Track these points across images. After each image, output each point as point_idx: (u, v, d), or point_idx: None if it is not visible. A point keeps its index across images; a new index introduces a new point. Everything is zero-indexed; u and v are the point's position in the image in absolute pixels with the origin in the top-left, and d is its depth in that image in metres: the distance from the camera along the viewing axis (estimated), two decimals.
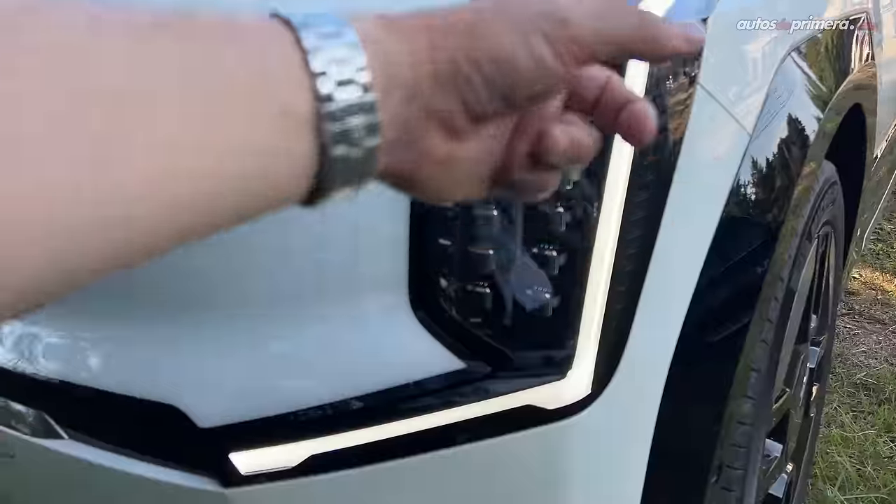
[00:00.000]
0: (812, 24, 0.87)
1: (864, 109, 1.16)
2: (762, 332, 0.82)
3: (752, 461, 0.87)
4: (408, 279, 0.63)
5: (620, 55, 0.30)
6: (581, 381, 0.64)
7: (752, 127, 0.74)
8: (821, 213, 1.02)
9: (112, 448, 0.70)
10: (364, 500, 0.65)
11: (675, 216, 0.66)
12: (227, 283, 0.65)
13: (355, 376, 0.63)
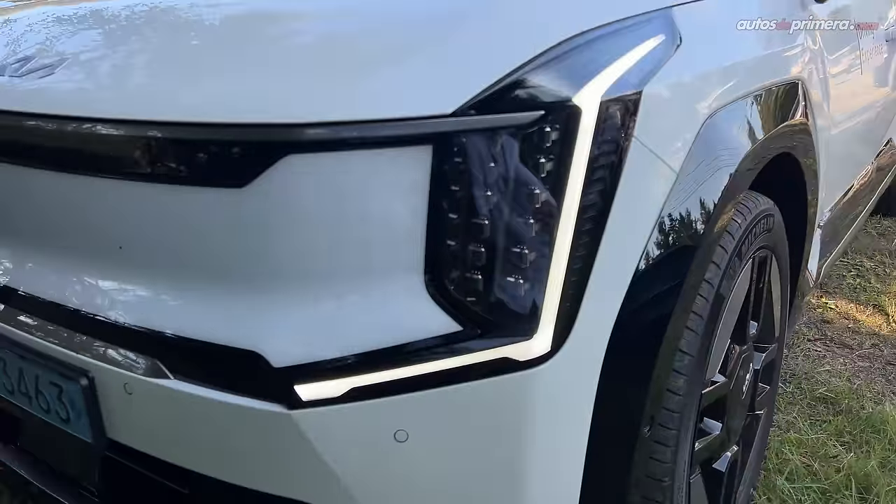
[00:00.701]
0: (735, 92, 1.15)
1: (796, 158, 1.43)
2: (689, 322, 1.08)
3: (684, 426, 1.12)
4: (424, 268, 0.91)
5: None
6: (543, 342, 0.90)
7: (678, 168, 1.01)
8: (753, 238, 1.28)
9: (206, 384, 0.97)
10: (385, 421, 0.91)
11: (614, 229, 0.93)
12: (295, 265, 0.93)
13: (385, 333, 0.90)
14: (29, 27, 1.38)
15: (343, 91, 0.89)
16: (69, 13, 1.41)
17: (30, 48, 1.20)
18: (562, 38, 0.92)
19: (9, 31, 1.33)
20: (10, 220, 1.16)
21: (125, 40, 1.17)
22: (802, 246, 1.67)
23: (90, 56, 1.14)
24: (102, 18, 1.32)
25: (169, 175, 0.94)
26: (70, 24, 1.34)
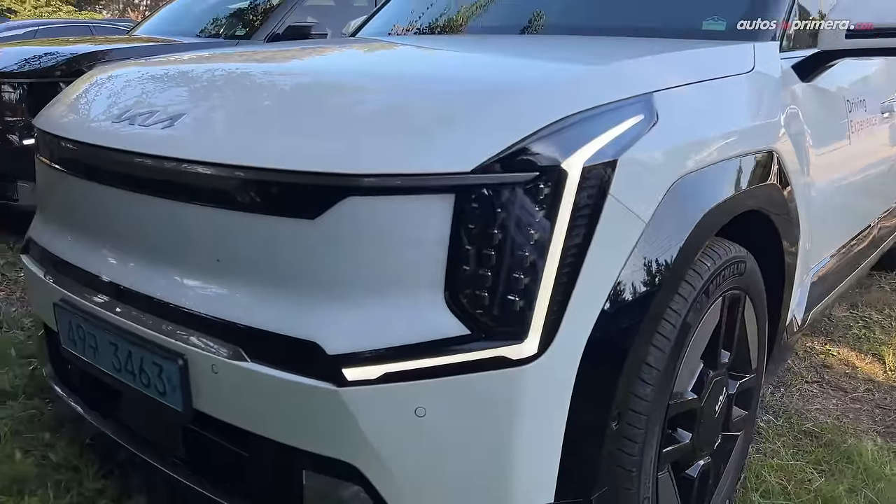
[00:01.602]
0: (704, 160, 1.44)
1: (768, 215, 1.70)
2: (656, 342, 1.35)
3: (650, 427, 1.38)
4: (444, 285, 1.20)
5: None
6: (531, 346, 1.19)
7: (648, 218, 1.29)
8: (722, 280, 1.54)
9: (275, 366, 1.28)
10: (409, 400, 1.20)
11: (591, 263, 1.22)
12: (348, 278, 1.23)
13: (411, 332, 1.20)
14: (154, 82, 1.76)
15: (390, 150, 1.20)
16: (187, 70, 1.78)
17: (155, 102, 1.56)
18: (557, 118, 1.22)
19: (140, 85, 1.70)
20: (133, 235, 1.51)
21: (232, 99, 1.52)
22: (782, 290, 1.91)
23: (204, 112, 1.49)
24: (214, 77, 1.69)
25: (260, 207, 1.26)
26: (187, 81, 1.71)
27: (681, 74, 1.55)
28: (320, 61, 1.94)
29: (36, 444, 2.04)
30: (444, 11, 2.59)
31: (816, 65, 2.01)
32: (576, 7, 2.34)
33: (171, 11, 6.04)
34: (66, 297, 1.64)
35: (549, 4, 2.34)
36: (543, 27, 2.28)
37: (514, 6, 2.46)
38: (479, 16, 2.51)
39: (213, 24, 5.20)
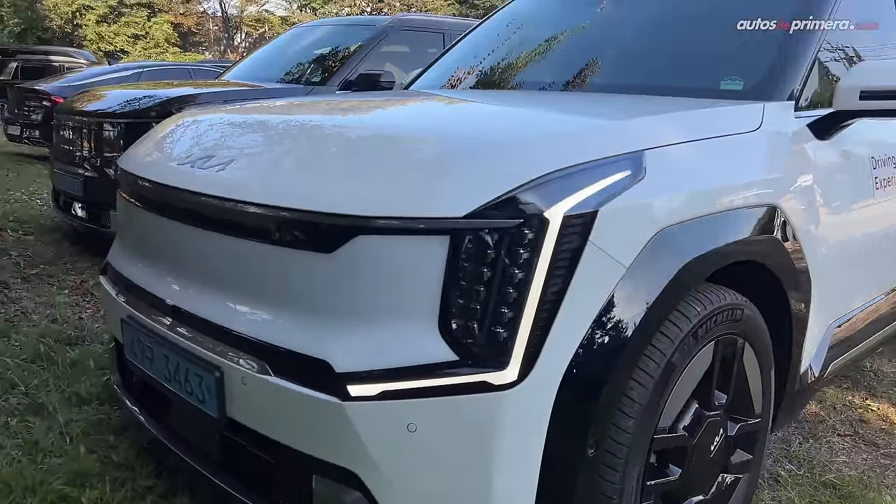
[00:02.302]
0: (692, 213, 1.56)
1: (767, 267, 1.79)
2: (638, 377, 1.47)
3: (632, 459, 1.49)
4: (438, 315, 1.37)
5: None
6: (512, 373, 1.33)
7: (628, 264, 1.43)
8: (714, 325, 1.64)
9: (293, 381, 1.46)
10: (402, 416, 1.36)
11: (570, 302, 1.36)
12: (356, 305, 1.41)
13: (407, 356, 1.36)
14: (217, 129, 2.02)
15: (396, 195, 1.39)
16: (244, 119, 2.04)
17: (213, 147, 1.81)
18: (543, 172, 1.38)
19: (205, 132, 1.97)
20: (184, 262, 1.75)
21: (273, 147, 1.76)
22: (790, 340, 1.98)
23: (249, 158, 1.72)
24: (263, 127, 1.93)
25: (286, 241, 1.47)
26: (242, 129, 1.96)
27: (678, 133, 1.68)
28: (352, 114, 2.17)
29: (101, 444, 2.30)
30: (482, 69, 2.80)
31: (832, 124, 2.09)
32: (607, 66, 2.49)
33: (260, 56, 6.52)
34: (130, 313, 1.90)
35: (582, 64, 2.51)
36: (575, 84, 2.45)
37: (547, 65, 2.65)
38: (512, 72, 2.71)
39: (294, 70, 5.59)
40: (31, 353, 3.02)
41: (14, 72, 15.69)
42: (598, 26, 2.68)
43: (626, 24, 2.60)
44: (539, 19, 2.95)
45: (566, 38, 2.72)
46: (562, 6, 2.98)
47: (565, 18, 2.85)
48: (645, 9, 2.63)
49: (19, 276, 4.21)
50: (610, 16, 2.68)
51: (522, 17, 3.06)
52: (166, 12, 32.01)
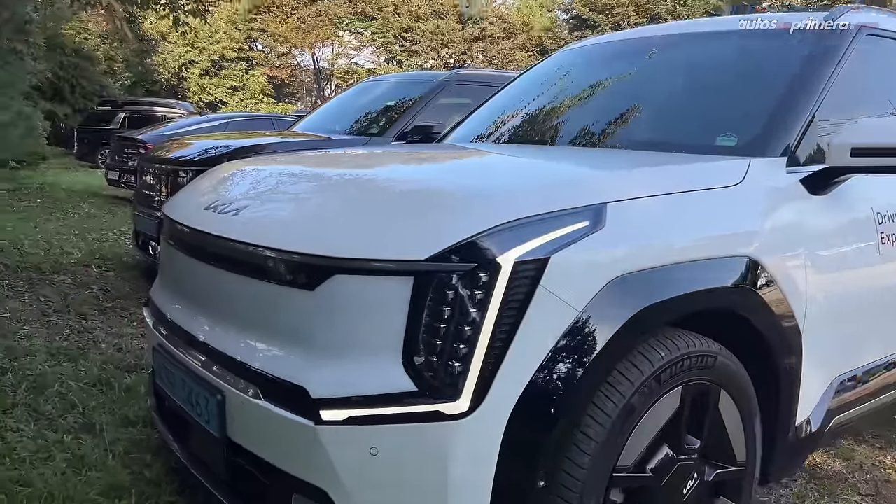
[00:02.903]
0: (651, 262, 1.65)
1: (744, 317, 1.84)
2: (594, 414, 1.56)
3: (587, 494, 1.57)
4: (402, 350, 1.51)
5: None
6: (463, 405, 1.46)
7: (581, 307, 1.53)
8: (679, 370, 1.71)
9: (277, 405, 1.63)
10: (365, 439, 1.50)
11: (521, 341, 1.48)
12: (332, 338, 1.58)
13: (372, 385, 1.51)
14: (244, 178, 2.26)
15: (368, 239, 1.57)
16: (269, 169, 2.27)
17: (235, 195, 2.04)
18: (498, 223, 1.52)
19: (234, 180, 2.21)
20: (197, 295, 1.96)
21: (281, 195, 1.97)
22: (778, 391, 2.00)
23: (260, 204, 1.94)
24: (282, 176, 2.16)
25: (276, 278, 1.66)
26: (264, 178, 2.19)
27: (646, 187, 1.78)
28: (358, 166, 2.38)
29: (138, 462, 2.52)
30: (501, 124, 2.98)
31: (826, 179, 2.13)
32: (613, 124, 2.61)
33: (329, 108, 6.94)
34: (160, 342, 2.13)
35: (588, 121, 2.65)
36: (580, 140, 2.59)
37: (556, 122, 2.80)
38: (527, 128, 2.88)
39: (357, 122, 5.93)
40: (94, 377, 3.32)
41: (122, 121, 17.04)
42: (608, 87, 2.82)
43: (633, 85, 2.72)
44: (555, 81, 3.11)
45: (578, 98, 2.87)
46: (577, 70, 3.13)
47: (579, 80, 3.00)
48: (651, 71, 2.75)
49: (97, 308, 4.61)
50: (620, 77, 2.81)
51: (542, 77, 3.24)
52: (262, 66, 33.96)
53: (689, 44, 2.79)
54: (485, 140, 2.98)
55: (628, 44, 3.09)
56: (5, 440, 2.65)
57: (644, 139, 2.42)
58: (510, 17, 35.28)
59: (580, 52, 3.31)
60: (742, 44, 2.60)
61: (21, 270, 5.27)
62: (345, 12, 34.12)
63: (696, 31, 2.89)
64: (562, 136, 2.67)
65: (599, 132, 2.56)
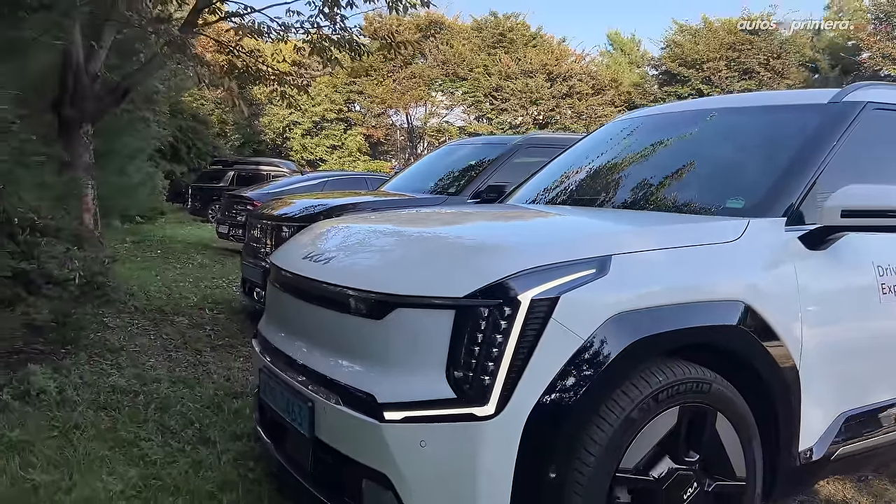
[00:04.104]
0: (649, 302, 2.06)
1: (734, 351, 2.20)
2: (599, 423, 1.96)
3: (593, 487, 1.96)
4: (446, 365, 1.98)
5: None
6: (490, 409, 1.91)
7: (586, 336, 1.96)
8: (675, 392, 2.08)
9: (352, 409, 2.12)
10: (416, 435, 1.96)
11: (536, 361, 1.92)
12: (394, 357, 2.06)
13: (423, 392, 1.98)
14: (337, 233, 2.82)
15: (422, 281, 2.06)
16: (350, 227, 2.82)
17: (328, 247, 2.60)
18: (520, 269, 1.98)
19: (329, 235, 2.77)
20: (295, 326, 2.51)
21: (361, 246, 2.51)
22: (776, 419, 2.32)
23: (345, 254, 2.48)
24: (361, 232, 2.69)
25: (354, 311, 2.17)
26: (347, 234, 2.74)
27: (649, 243, 2.21)
28: (424, 222, 2.91)
29: (243, 467, 3.07)
30: (546, 189, 3.48)
31: (822, 237, 2.47)
32: (641, 188, 3.03)
33: (415, 169, 7.60)
34: (265, 364, 2.68)
35: (621, 185, 3.10)
36: (612, 203, 3.03)
37: (593, 186, 3.27)
38: (565, 192, 3.36)
39: (438, 182, 6.53)
40: (208, 401, 3.94)
41: (231, 179, 18.51)
42: (638, 157, 3.25)
43: (660, 155, 3.16)
44: (593, 150, 3.58)
45: (612, 167, 3.31)
46: (614, 142, 3.59)
47: (613, 151, 3.46)
48: (678, 142, 3.18)
49: (209, 346, 5.30)
50: (649, 148, 3.25)
51: (585, 147, 3.74)
52: (360, 125, 35.81)
53: (710, 119, 3.20)
54: (535, 202, 3.46)
55: (658, 118, 3.55)
56: (140, 447, 3.26)
57: (666, 202, 2.82)
58: (598, 73, 35.83)
59: (618, 125, 3.79)
60: (757, 119, 3.00)
61: (147, 312, 6.08)
62: (437, 74, 35.64)
63: (722, 107, 3.29)
64: (595, 198, 3.12)
65: (628, 196, 2.99)
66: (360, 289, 2.17)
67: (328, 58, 7.70)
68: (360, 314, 2.16)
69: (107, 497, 2.70)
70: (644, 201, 2.89)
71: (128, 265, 8.59)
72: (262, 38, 8.01)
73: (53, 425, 3.41)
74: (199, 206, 18.52)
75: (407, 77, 35.19)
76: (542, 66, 34.20)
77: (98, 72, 6.69)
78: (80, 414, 3.56)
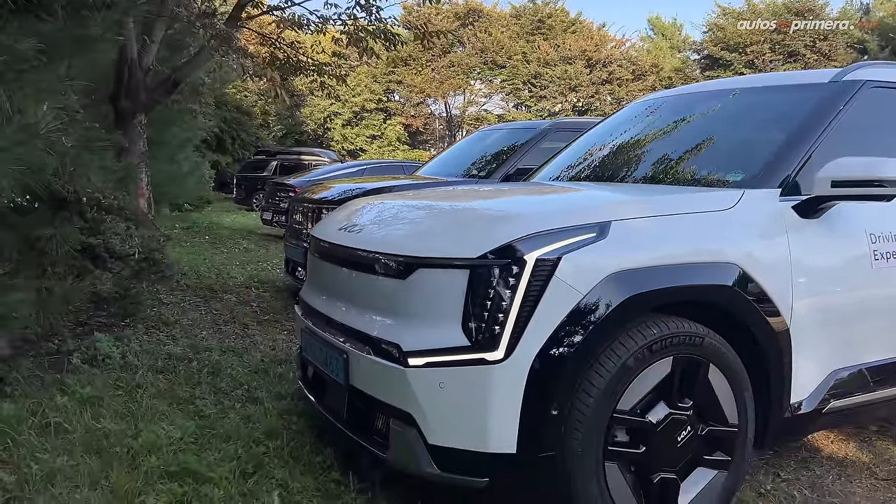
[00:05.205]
0: (645, 262, 2.29)
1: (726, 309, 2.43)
2: (597, 369, 2.22)
3: (592, 425, 2.22)
4: (462, 318, 2.25)
5: None
6: (500, 354, 2.18)
7: (585, 291, 2.21)
8: (669, 344, 2.32)
9: (381, 357, 2.41)
10: (436, 377, 2.23)
11: (541, 311, 2.18)
12: (416, 310, 2.35)
13: (441, 341, 2.26)
14: (369, 208, 3.11)
15: (441, 244, 2.34)
16: (382, 202, 3.11)
17: (360, 220, 2.89)
18: (527, 233, 2.24)
19: (362, 210, 3.07)
20: (332, 288, 2.81)
21: (388, 216, 2.79)
22: (767, 373, 2.54)
23: (373, 225, 2.78)
24: (389, 206, 2.98)
25: (383, 273, 2.46)
26: (378, 209, 3.03)
27: (646, 210, 2.44)
28: (447, 197, 3.18)
29: (287, 420, 3.40)
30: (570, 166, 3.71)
31: (814, 206, 2.67)
32: (649, 163, 3.25)
33: (448, 155, 7.86)
34: (306, 325, 2.99)
35: (631, 161, 3.32)
36: (623, 177, 3.26)
37: (605, 163, 3.50)
38: (588, 168, 3.59)
39: (470, 167, 6.79)
40: (255, 366, 4.30)
41: (274, 169, 19.04)
42: (646, 135, 3.48)
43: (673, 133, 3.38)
44: (608, 131, 3.81)
45: (624, 145, 3.54)
46: (627, 123, 3.81)
47: (625, 131, 3.68)
48: (686, 122, 3.39)
49: (255, 321, 5.67)
50: (657, 125, 3.47)
51: (601, 129, 3.96)
52: (399, 115, 36.20)
53: (720, 99, 3.40)
54: (557, 178, 3.70)
55: (674, 99, 3.75)
56: (195, 404, 3.62)
57: (676, 177, 3.05)
58: (639, 59, 35.53)
59: (638, 106, 4.02)
60: (765, 98, 3.20)
61: (198, 290, 6.50)
62: (476, 62, 35.79)
63: (736, 87, 3.48)
64: (612, 174, 3.36)
65: (641, 171, 3.22)
66: (388, 252, 2.46)
67: (364, 48, 7.99)
68: (388, 275, 2.45)
69: (168, 442, 3.05)
70: (657, 176, 3.11)
71: (178, 249, 9.06)
72: (301, 31, 8.35)
73: (118, 385, 3.79)
74: (244, 196, 19.06)
75: (445, 66, 35.40)
76: (581, 52, 34.05)
77: (150, 65, 7.11)
78: (141, 376, 3.93)
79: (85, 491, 2.63)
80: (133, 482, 2.68)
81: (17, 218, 3.44)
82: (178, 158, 11.02)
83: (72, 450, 2.93)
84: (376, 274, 2.50)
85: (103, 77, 6.59)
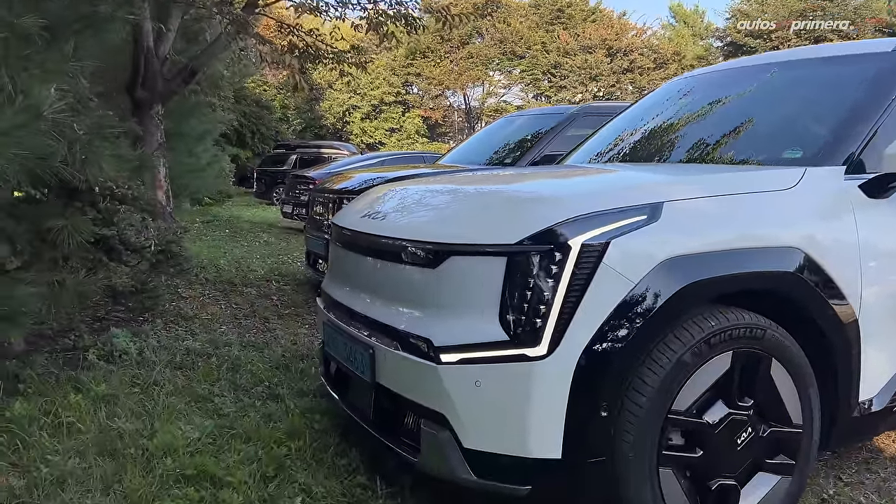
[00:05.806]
0: (699, 248, 2.07)
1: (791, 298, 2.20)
2: (650, 365, 2.01)
3: (644, 427, 2.01)
4: (499, 310, 2.05)
5: None
6: (542, 350, 1.97)
7: (636, 280, 2.00)
8: (728, 337, 2.10)
9: (410, 353, 2.21)
10: (472, 375, 2.04)
11: (587, 303, 1.97)
12: (450, 302, 2.15)
13: (477, 336, 2.06)
14: (391, 195, 2.91)
15: (475, 230, 2.13)
16: (404, 189, 2.91)
17: (382, 206, 2.70)
18: (569, 216, 2.03)
19: (384, 197, 2.87)
20: (355, 278, 2.62)
21: (412, 203, 2.59)
22: (835, 368, 2.31)
23: (398, 211, 2.58)
24: (413, 192, 2.78)
25: (411, 261, 2.26)
26: (401, 195, 2.83)
27: (701, 190, 2.22)
28: (475, 181, 2.97)
29: (310, 419, 3.21)
30: (605, 148, 3.48)
31: (883, 184, 2.43)
32: (700, 143, 3.01)
33: (471, 143, 7.65)
34: (328, 318, 2.80)
35: (678, 142, 3.08)
36: (671, 157, 3.03)
37: (650, 143, 3.26)
38: (626, 149, 3.35)
39: (494, 154, 6.57)
40: (276, 362, 4.13)
41: (294, 163, 18.93)
42: (695, 113, 3.23)
43: (718, 111, 3.13)
44: (650, 111, 3.57)
45: (668, 124, 3.30)
46: (670, 101, 3.57)
47: (669, 110, 3.44)
48: (735, 98, 3.14)
49: (276, 314, 5.51)
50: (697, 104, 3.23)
51: (640, 108, 3.71)
52: (417, 108, 35.96)
53: (764, 73, 3.15)
54: (593, 161, 3.48)
55: (715, 76, 3.50)
56: (213, 402, 3.46)
57: (724, 157, 2.81)
58: (660, 47, 34.94)
59: (667, 87, 3.76)
60: (817, 71, 2.94)
61: (217, 283, 6.35)
62: (494, 53, 35.42)
63: (780, 61, 3.23)
64: (652, 155, 3.12)
65: (685, 152, 2.99)
66: (416, 240, 2.26)
67: (385, 33, 7.78)
68: (416, 264, 2.25)
69: (185, 443, 2.88)
70: (701, 156, 2.88)
71: (198, 243, 8.94)
72: (320, 16, 8.16)
73: (135, 382, 3.64)
74: (265, 190, 19.00)
75: (464, 57, 35.10)
76: (601, 41, 33.58)
77: (167, 54, 6.96)
78: (158, 373, 3.78)
79: (97, 496, 2.48)
80: (147, 486, 2.52)
81: (27, 208, 3.29)
82: (196, 151, 10.88)
83: (84, 451, 2.78)
84: (403, 263, 2.30)
85: (120, 65, 6.44)
